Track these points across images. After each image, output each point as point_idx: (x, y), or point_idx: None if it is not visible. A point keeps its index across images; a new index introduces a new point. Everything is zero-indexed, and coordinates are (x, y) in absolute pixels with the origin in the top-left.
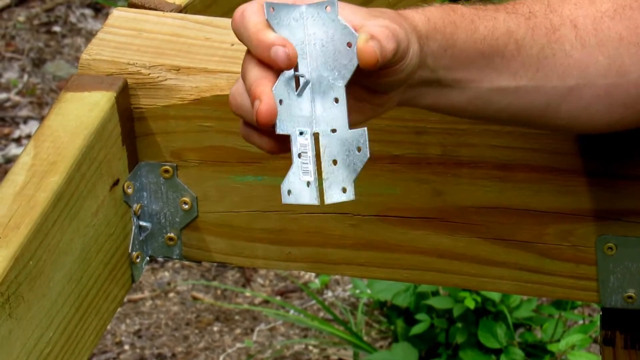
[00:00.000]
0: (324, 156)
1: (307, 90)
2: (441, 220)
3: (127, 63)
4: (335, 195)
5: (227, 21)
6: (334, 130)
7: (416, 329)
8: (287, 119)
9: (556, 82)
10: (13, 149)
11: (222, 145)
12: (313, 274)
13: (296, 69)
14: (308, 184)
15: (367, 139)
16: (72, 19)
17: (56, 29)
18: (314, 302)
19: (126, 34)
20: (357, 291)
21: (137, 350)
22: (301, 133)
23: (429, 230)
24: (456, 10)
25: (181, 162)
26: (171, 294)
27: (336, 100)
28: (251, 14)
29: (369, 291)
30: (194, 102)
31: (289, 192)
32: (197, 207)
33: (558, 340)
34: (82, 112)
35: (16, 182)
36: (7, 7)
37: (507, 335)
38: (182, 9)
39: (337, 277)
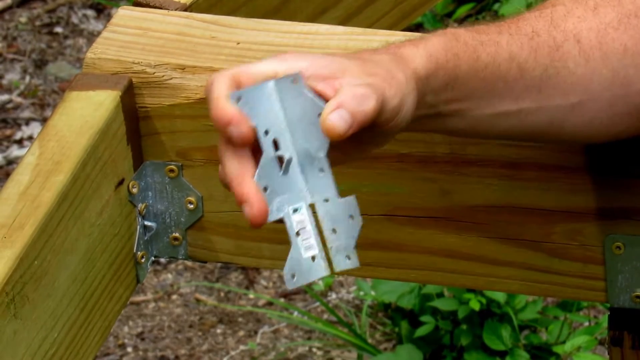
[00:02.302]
0: (323, 225)
1: (295, 164)
2: (449, 220)
3: (132, 62)
4: (342, 262)
5: (232, 19)
6: (326, 200)
7: (421, 331)
8: (276, 203)
9: (559, 101)
10: (15, 151)
11: None
12: None
13: (277, 148)
14: (313, 258)
15: (357, 207)
16: (74, 19)
17: (58, 30)
18: (317, 304)
19: (131, 32)
20: (361, 293)
21: (140, 353)
22: (295, 210)
23: (436, 230)
24: (459, 38)
25: (186, 161)
26: (174, 296)
27: (321, 170)
28: (217, 86)
29: (373, 293)
30: (200, 101)
31: (293, 275)
32: (202, 207)
33: (563, 342)
34: (87, 112)
35: (21, 182)
36: (9, 8)
37: (512, 337)
38: (188, 8)
39: (340, 278)
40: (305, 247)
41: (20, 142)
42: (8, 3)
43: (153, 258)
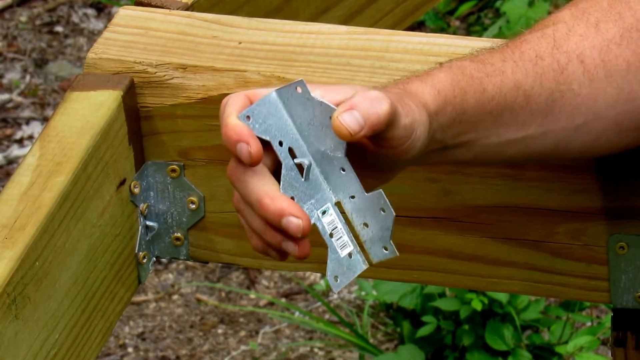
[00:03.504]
0: (354, 221)
1: (314, 170)
2: (451, 220)
3: (133, 62)
4: (380, 253)
5: (234, 19)
6: (352, 197)
7: (422, 331)
8: (306, 210)
9: (564, 124)
10: (15, 150)
11: None
12: (318, 276)
13: (294, 156)
14: (350, 255)
15: (385, 199)
16: (75, 18)
17: (58, 29)
18: (319, 304)
19: (132, 32)
20: (363, 293)
21: (141, 353)
22: (323, 212)
23: (439, 230)
24: (465, 71)
25: (188, 161)
26: (175, 296)
27: (343, 170)
28: (229, 106)
29: (374, 293)
30: (201, 101)
31: (336, 278)
32: (204, 207)
33: (566, 342)
34: (88, 112)
35: (22, 183)
36: (9, 7)
37: (514, 337)
38: (189, 7)
39: None
40: (341, 246)
41: (20, 142)
42: (8, 2)
43: (155, 258)
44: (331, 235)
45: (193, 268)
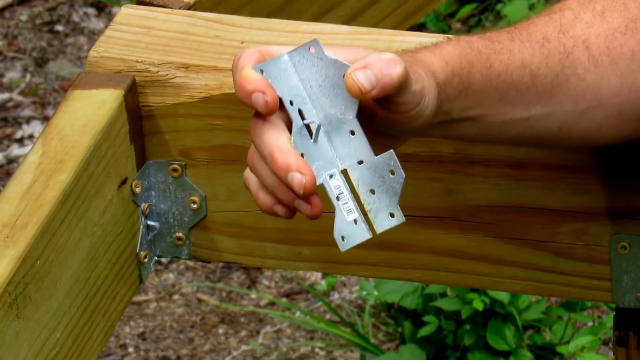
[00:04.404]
0: (359, 189)
1: (322, 133)
2: (454, 220)
3: (135, 61)
4: (385, 222)
5: (236, 18)
6: (360, 162)
7: (424, 331)
8: (314, 170)
9: (569, 107)
10: (15, 150)
11: (232, 143)
12: (319, 276)
13: (303, 118)
14: (355, 221)
15: (396, 160)
16: (75, 17)
17: (59, 28)
18: (320, 303)
19: (135, 31)
20: (364, 293)
21: (142, 353)
22: (331, 176)
23: (441, 230)
24: (472, 46)
25: (190, 160)
26: (176, 296)
27: (352, 133)
28: (243, 58)
29: (376, 293)
30: (204, 100)
31: (343, 238)
32: (206, 207)
33: (567, 342)
34: (90, 110)
35: (24, 181)
36: (9, 6)
37: (515, 337)
38: (191, 6)
39: (343, 278)
40: (347, 211)
41: (20, 141)
42: (8, 1)
43: (156, 258)
44: (338, 198)
45: (194, 268)
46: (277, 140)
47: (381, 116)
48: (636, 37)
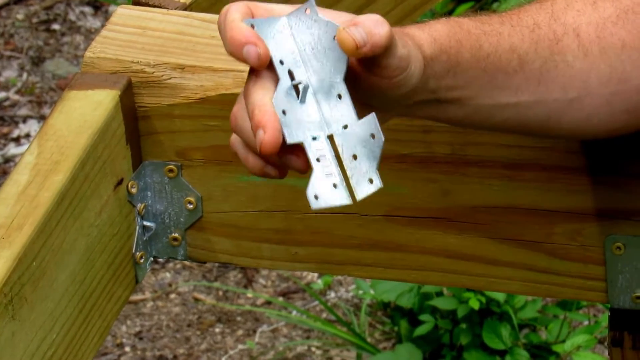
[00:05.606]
0: (343, 155)
1: (310, 96)
2: (449, 220)
3: (131, 61)
4: (365, 188)
5: None
6: (345, 127)
7: (420, 330)
8: (296, 128)
9: (557, 95)
10: (12, 149)
11: (228, 144)
12: (316, 275)
13: (293, 78)
14: (335, 185)
15: (377, 123)
16: (72, 16)
17: (55, 27)
18: (316, 303)
19: (130, 31)
20: (360, 292)
21: (138, 352)
22: (314, 138)
23: (436, 230)
24: (462, 26)
25: (186, 161)
26: (172, 295)
27: (339, 97)
28: (232, 12)
29: (372, 292)
30: (199, 101)
31: (316, 196)
32: (201, 207)
33: (563, 341)
34: (85, 111)
35: (19, 182)
36: (6, 4)
37: (511, 336)
38: (187, 7)
39: (340, 277)
40: (327, 173)
41: (17, 140)
42: (5, 0)
43: (152, 258)
44: (318, 159)
45: (190, 267)
46: (261, 99)
47: (366, 81)
48: (627, 27)
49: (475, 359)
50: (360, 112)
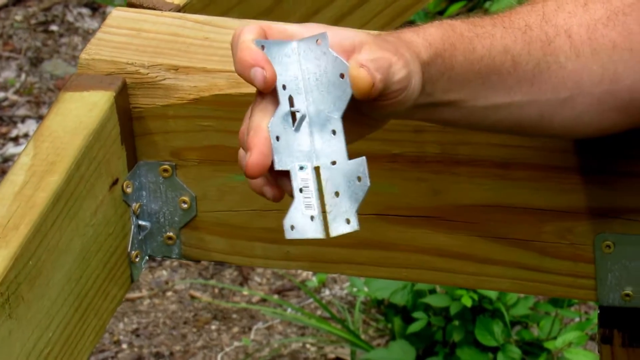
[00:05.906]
0: (326, 189)
1: (305, 125)
2: (440, 219)
3: (126, 63)
4: (341, 227)
5: (226, 20)
6: (334, 163)
7: (413, 327)
8: (286, 155)
9: (550, 95)
10: (10, 148)
11: (222, 144)
12: (310, 273)
13: (292, 105)
14: (312, 218)
15: (366, 168)
16: (70, 18)
17: (53, 28)
18: (311, 300)
19: (125, 33)
20: (355, 289)
21: (135, 349)
22: (301, 168)
23: (427, 229)
24: (455, 29)
25: (180, 161)
26: (169, 293)
27: (334, 132)
28: (245, 32)
29: (366, 289)
30: (193, 102)
31: (292, 227)
32: (196, 207)
33: (555, 338)
34: (81, 112)
35: (15, 182)
36: (5, 6)
37: (504, 333)
38: (181, 9)
39: (334, 275)
40: (306, 205)
41: (16, 140)
42: (3, 1)
43: (147, 257)
44: (301, 190)
45: (187, 265)
46: (258, 122)
47: (367, 104)
48: (617, 28)
49: (468, 356)
50: (358, 120)
